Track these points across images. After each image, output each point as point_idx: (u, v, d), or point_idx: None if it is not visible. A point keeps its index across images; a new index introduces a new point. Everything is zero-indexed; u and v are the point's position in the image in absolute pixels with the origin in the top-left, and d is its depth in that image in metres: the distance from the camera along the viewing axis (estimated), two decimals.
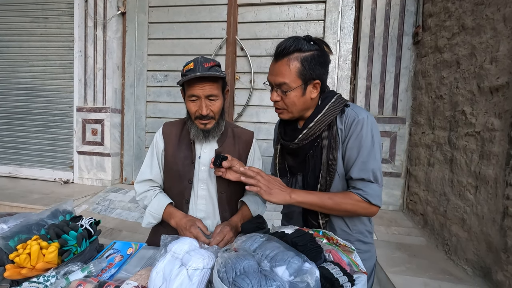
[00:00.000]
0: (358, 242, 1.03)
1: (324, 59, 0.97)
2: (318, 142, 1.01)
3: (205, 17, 3.28)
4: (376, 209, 0.97)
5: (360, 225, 1.04)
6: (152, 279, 0.75)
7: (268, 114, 3.21)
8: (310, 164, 1.03)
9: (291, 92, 0.97)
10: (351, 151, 0.97)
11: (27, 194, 3.12)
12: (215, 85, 1.11)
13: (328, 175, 0.99)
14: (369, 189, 0.94)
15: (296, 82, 0.95)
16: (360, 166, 0.95)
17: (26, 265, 0.82)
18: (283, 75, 0.96)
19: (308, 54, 0.94)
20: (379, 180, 0.96)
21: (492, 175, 1.71)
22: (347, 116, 0.99)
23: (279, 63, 0.97)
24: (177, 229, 1.13)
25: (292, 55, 0.94)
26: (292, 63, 0.94)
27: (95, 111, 3.46)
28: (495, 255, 1.64)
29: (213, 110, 1.13)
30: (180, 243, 0.84)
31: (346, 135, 0.98)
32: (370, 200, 0.94)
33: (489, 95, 1.80)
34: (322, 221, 1.03)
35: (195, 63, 1.09)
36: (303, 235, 0.75)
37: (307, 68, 0.94)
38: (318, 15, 3.04)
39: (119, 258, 0.97)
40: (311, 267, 0.66)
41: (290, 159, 1.11)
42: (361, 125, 0.95)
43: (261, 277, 0.63)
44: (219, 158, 1.07)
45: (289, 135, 1.07)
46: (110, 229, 2.57)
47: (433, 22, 2.51)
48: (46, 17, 3.60)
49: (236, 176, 1.11)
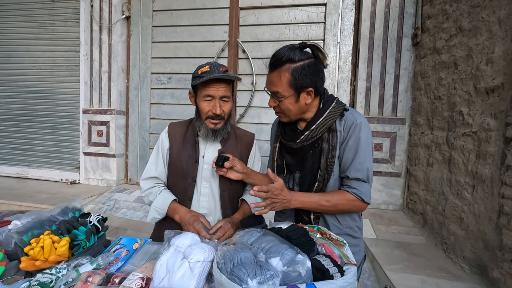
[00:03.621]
0: (347, 237, 1.08)
1: (316, 68, 1.01)
2: (319, 143, 1.06)
3: (207, 20, 3.34)
4: (366, 206, 1.05)
5: (351, 221, 1.10)
6: (156, 271, 0.81)
7: (269, 115, 3.26)
8: (308, 163, 1.08)
9: (285, 100, 1.03)
10: (348, 152, 1.03)
11: (35, 194, 3.20)
12: (228, 87, 1.19)
13: (326, 174, 1.05)
14: (363, 189, 1.02)
15: (288, 91, 1.01)
16: (357, 167, 1.02)
17: (40, 257, 0.88)
18: (276, 85, 1.02)
19: (299, 65, 0.98)
20: (370, 180, 1.04)
21: (488, 174, 1.74)
22: (346, 119, 1.05)
23: (272, 74, 1.03)
24: (181, 224, 1.19)
25: (283, 66, 0.99)
26: (283, 74, 0.99)
27: (100, 113, 3.54)
28: (491, 253, 1.67)
29: (225, 110, 1.20)
30: (183, 237, 0.90)
31: (344, 137, 1.04)
32: (363, 198, 1.02)
33: (485, 95, 1.83)
34: (313, 216, 1.09)
35: (211, 66, 1.17)
36: (297, 230, 0.80)
37: (297, 78, 0.99)
38: (318, 17, 3.09)
39: (125, 252, 1.03)
40: (303, 259, 0.71)
41: (288, 157, 1.16)
42: (359, 129, 1.02)
43: (256, 267, 0.68)
44: (221, 159, 1.14)
45: (289, 135, 1.12)
46: (116, 228, 2.64)
47: (432, 23, 2.54)
48: (53, 22, 3.70)
49: (236, 176, 1.18)
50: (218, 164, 1.14)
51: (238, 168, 1.17)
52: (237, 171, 1.18)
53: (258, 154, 1.39)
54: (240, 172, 1.19)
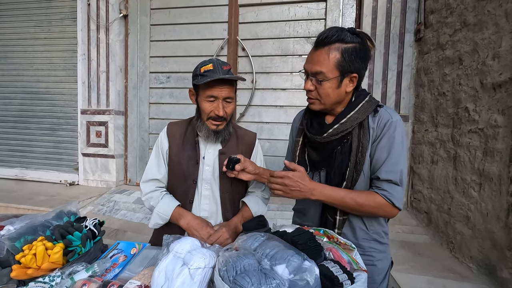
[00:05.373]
0: (374, 242, 1.01)
1: (365, 53, 0.94)
2: (348, 139, 0.99)
3: (206, 18, 3.29)
4: (397, 211, 0.95)
5: (378, 226, 1.02)
6: (155, 278, 0.77)
7: (270, 113, 3.22)
8: (337, 160, 1.00)
9: (326, 83, 0.94)
10: (381, 151, 0.95)
11: (33, 196, 3.16)
12: (232, 88, 1.15)
13: (355, 173, 0.97)
14: (394, 192, 0.93)
15: (334, 73, 0.93)
16: (389, 168, 0.94)
17: (32, 265, 0.83)
18: (321, 64, 0.93)
19: (350, 46, 0.92)
20: (403, 183, 0.95)
21: (496, 172, 1.70)
22: (381, 116, 0.97)
23: (318, 52, 0.94)
24: (186, 230, 1.14)
25: (334, 44, 0.92)
26: (332, 53, 0.92)
27: (99, 113, 3.49)
28: (500, 253, 1.63)
29: (228, 112, 1.15)
30: (182, 242, 0.85)
31: (378, 135, 0.96)
32: (394, 202, 0.93)
33: (492, 91, 1.79)
34: (340, 217, 1.00)
35: (214, 64, 1.11)
36: (303, 234, 0.76)
37: (347, 59, 0.91)
38: (319, 14, 3.03)
39: (123, 258, 0.98)
40: (310, 265, 0.67)
41: (313, 153, 1.07)
42: (394, 127, 0.94)
43: (261, 275, 0.64)
44: (232, 161, 1.08)
45: (316, 129, 1.04)
46: (115, 230, 2.60)
47: (435, 18, 2.49)
48: (50, 21, 3.65)
49: (249, 177, 1.13)
50: (229, 167, 1.09)
51: (250, 170, 1.12)
52: (249, 172, 1.12)
53: (260, 154, 1.34)
54: (252, 173, 1.13)
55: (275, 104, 3.20)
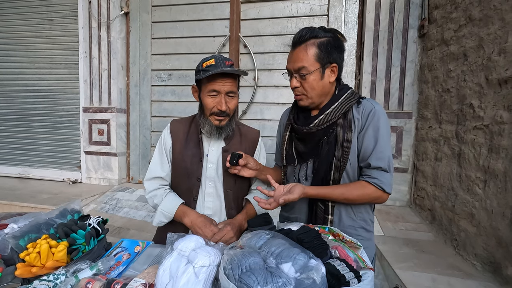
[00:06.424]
0: (361, 229, 1.06)
1: (339, 44, 1.02)
2: (333, 129, 1.04)
3: (207, 15, 3.27)
4: (387, 196, 1.02)
5: (365, 213, 1.08)
6: (159, 277, 0.76)
7: (272, 111, 3.20)
8: (323, 150, 1.05)
9: (310, 76, 1.01)
10: (368, 140, 1.00)
11: (36, 194, 3.17)
12: (235, 82, 1.14)
13: (341, 162, 1.02)
14: (384, 178, 0.99)
15: (315, 65, 1.00)
16: (378, 155, 0.99)
17: (36, 263, 0.83)
18: (301, 60, 1.00)
19: (324, 40, 1.00)
20: (391, 169, 1.01)
21: (501, 169, 1.68)
22: (364, 106, 1.03)
23: (297, 50, 1.02)
24: (191, 228, 1.14)
25: (309, 41, 1.00)
26: (310, 48, 0.99)
27: (101, 111, 3.49)
28: (505, 250, 1.61)
29: (230, 107, 1.15)
30: (186, 240, 0.85)
31: (363, 124, 1.02)
32: (385, 188, 0.99)
33: (497, 87, 1.76)
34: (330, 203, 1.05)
35: (216, 59, 1.11)
36: (309, 232, 0.75)
37: (323, 51, 0.99)
38: (321, 10, 3.01)
39: (127, 256, 0.98)
40: (317, 264, 0.66)
41: (300, 145, 1.13)
42: (378, 116, 1.00)
43: (267, 273, 0.63)
44: (235, 157, 1.10)
45: (302, 121, 1.10)
46: (118, 228, 2.60)
47: (439, 14, 2.46)
48: (51, 19, 3.64)
49: (250, 173, 1.16)
50: (232, 162, 1.10)
51: (252, 165, 1.15)
52: (251, 168, 1.15)
53: (263, 152, 1.34)
54: (254, 169, 1.16)
55: (277, 101, 3.18)
